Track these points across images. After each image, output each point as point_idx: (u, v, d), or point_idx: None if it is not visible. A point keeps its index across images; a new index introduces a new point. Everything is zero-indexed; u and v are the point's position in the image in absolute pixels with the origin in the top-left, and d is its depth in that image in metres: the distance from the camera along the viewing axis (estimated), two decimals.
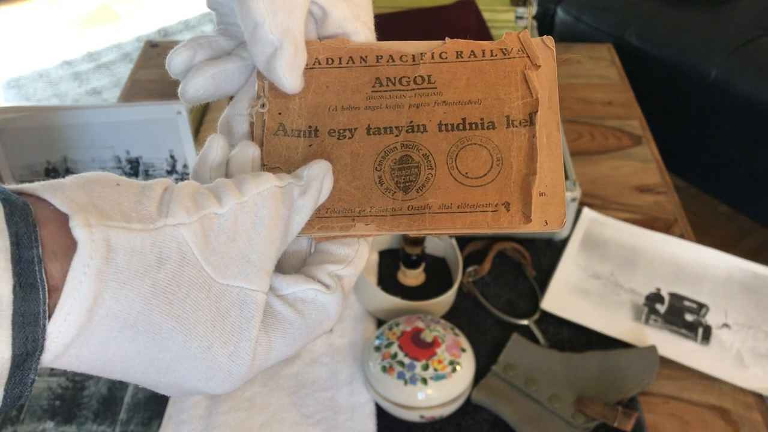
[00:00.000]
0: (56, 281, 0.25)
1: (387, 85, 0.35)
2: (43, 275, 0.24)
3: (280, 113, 0.35)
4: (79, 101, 2.47)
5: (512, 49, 0.35)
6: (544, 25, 1.94)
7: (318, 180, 0.32)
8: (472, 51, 0.35)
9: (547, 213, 0.33)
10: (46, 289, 0.24)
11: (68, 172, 0.80)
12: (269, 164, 0.35)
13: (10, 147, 0.79)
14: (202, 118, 0.99)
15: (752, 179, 1.68)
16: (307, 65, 0.35)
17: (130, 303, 0.26)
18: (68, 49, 2.78)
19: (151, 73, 1.18)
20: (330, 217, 0.33)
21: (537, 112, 0.34)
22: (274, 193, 0.30)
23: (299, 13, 0.33)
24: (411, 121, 0.34)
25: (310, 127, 0.35)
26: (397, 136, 0.34)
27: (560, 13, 1.89)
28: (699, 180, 1.84)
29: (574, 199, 0.83)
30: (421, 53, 0.36)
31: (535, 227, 0.33)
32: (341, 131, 0.35)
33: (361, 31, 0.36)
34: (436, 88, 0.35)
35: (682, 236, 0.89)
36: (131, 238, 0.26)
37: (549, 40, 0.35)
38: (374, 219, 0.33)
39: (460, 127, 0.34)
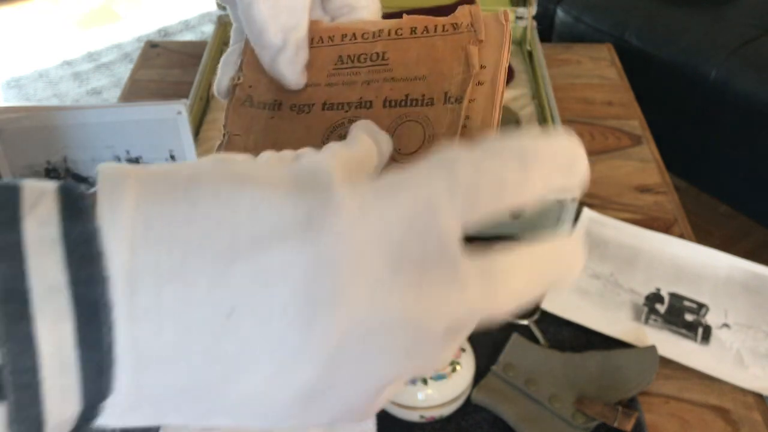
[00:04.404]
0: None
1: (347, 63, 0.36)
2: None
3: (251, 86, 0.37)
4: (79, 101, 2.47)
5: (462, 23, 0.34)
6: (544, 25, 1.94)
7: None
8: (425, 27, 0.35)
9: None
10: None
11: (68, 172, 0.80)
12: (231, 131, 0.36)
13: (10, 147, 0.79)
14: (202, 118, 0.99)
15: (752, 179, 1.68)
16: None
17: None
18: (68, 49, 2.78)
19: (151, 73, 1.18)
20: None
21: (468, 88, 0.32)
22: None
23: (301, 7, 0.34)
24: (360, 98, 0.35)
25: (275, 101, 0.36)
26: (347, 111, 0.35)
27: (560, 13, 1.89)
28: (699, 180, 1.84)
29: (574, 199, 0.83)
30: (380, 30, 0.35)
31: None
32: (301, 106, 0.36)
33: (371, 3, 0.36)
34: (388, 64, 0.35)
35: (682, 236, 0.89)
36: None
37: (504, 14, 0.33)
38: None
39: (403, 103, 0.34)
